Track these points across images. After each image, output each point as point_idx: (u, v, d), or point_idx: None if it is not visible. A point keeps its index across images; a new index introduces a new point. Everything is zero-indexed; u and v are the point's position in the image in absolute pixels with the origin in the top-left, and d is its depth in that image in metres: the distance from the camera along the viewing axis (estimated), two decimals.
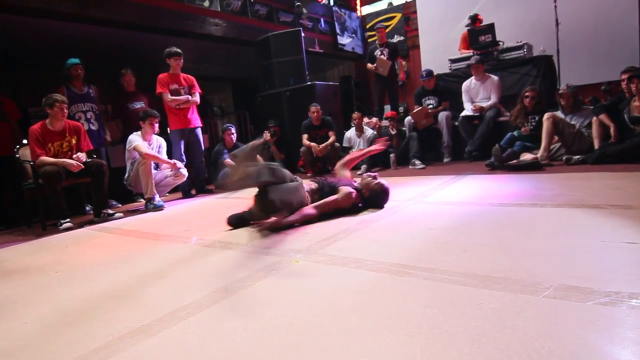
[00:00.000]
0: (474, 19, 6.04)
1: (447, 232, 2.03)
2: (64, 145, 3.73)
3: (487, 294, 1.26)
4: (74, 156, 3.67)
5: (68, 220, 3.51)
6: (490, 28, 5.55)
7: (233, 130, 5.30)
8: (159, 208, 3.95)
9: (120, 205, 4.68)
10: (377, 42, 6.52)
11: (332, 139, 5.39)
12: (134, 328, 1.32)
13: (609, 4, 6.36)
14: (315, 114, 5.39)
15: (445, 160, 5.30)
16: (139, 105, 4.93)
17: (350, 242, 2.05)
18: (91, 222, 3.64)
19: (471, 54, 5.63)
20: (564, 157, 3.98)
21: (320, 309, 1.31)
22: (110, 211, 3.78)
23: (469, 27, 5.99)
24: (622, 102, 3.95)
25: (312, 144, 5.34)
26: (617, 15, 6.32)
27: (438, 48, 7.72)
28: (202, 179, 4.98)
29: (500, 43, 5.59)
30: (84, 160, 3.70)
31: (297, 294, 1.46)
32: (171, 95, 4.52)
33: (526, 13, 6.06)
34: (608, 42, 6.38)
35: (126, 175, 4.27)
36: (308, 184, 2.75)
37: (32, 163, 3.65)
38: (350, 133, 5.76)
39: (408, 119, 5.47)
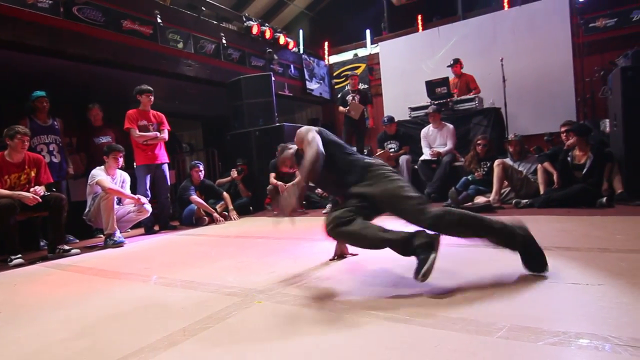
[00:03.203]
0: (456, 61, 6.31)
1: (406, 273, 2.03)
2: (22, 178, 3.52)
3: (445, 334, 1.26)
4: (32, 189, 3.46)
5: (19, 256, 3.24)
6: (445, 81, 5.91)
7: (201, 168, 5.21)
8: (118, 244, 3.74)
9: (77, 241, 4.40)
10: (349, 88, 6.74)
11: (298, 178, 5.39)
12: None
13: (548, 65, 6.97)
14: None
15: None
16: (105, 139, 4.78)
17: (313, 282, 2.01)
18: (44, 259, 3.38)
19: (429, 103, 5.92)
20: (514, 201, 4.18)
21: (281, 352, 1.26)
22: (66, 247, 3.54)
23: (450, 67, 6.27)
24: (562, 152, 4.24)
25: (279, 182, 5.33)
26: (555, 75, 6.93)
27: (399, 96, 8.09)
28: (166, 215, 4.81)
29: (454, 95, 5.93)
30: (42, 193, 3.49)
31: (258, 336, 1.40)
32: (139, 131, 4.43)
33: (477, 69, 6.51)
34: (548, 97, 6.94)
35: (87, 209, 4.06)
36: None
37: None
38: None
39: None
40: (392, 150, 5.65)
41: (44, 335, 1.59)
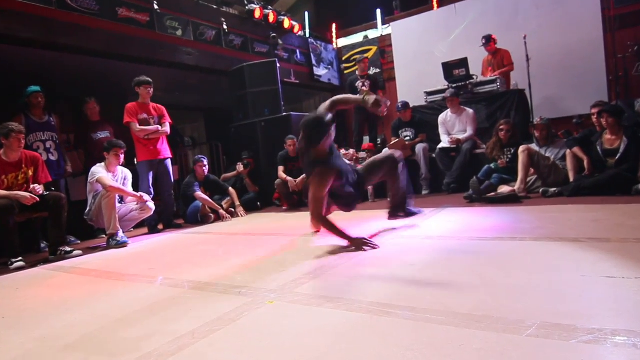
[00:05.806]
0: (488, 38, 6.19)
1: (427, 268, 2.03)
2: (19, 177, 3.59)
3: (469, 333, 1.25)
4: (31, 187, 3.53)
5: (20, 259, 3.32)
6: (463, 62, 5.81)
7: (205, 162, 5.25)
8: (122, 245, 3.80)
9: (79, 242, 4.48)
10: (358, 72, 6.66)
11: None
12: None
13: (576, 42, 6.80)
14: (292, 147, 5.42)
15: (424, 192, 5.38)
16: (104, 134, 4.84)
17: (327, 279, 2.02)
18: (46, 261, 3.46)
19: (447, 86, 5.85)
20: (541, 190, 4.12)
21: (294, 354, 1.27)
22: (68, 248, 3.60)
23: (483, 47, 6.15)
24: (593, 135, 4.16)
25: (289, 178, 5.29)
26: (584, 52, 6.76)
27: (413, 80, 8.01)
28: (170, 213, 4.86)
29: (474, 77, 5.84)
30: (41, 192, 3.56)
31: (270, 338, 1.41)
32: (140, 125, 4.46)
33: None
34: (577, 77, 6.78)
35: (87, 209, 4.12)
36: None
37: None
38: None
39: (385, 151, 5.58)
40: (408, 138, 5.61)
41: (48, 340, 1.62)
